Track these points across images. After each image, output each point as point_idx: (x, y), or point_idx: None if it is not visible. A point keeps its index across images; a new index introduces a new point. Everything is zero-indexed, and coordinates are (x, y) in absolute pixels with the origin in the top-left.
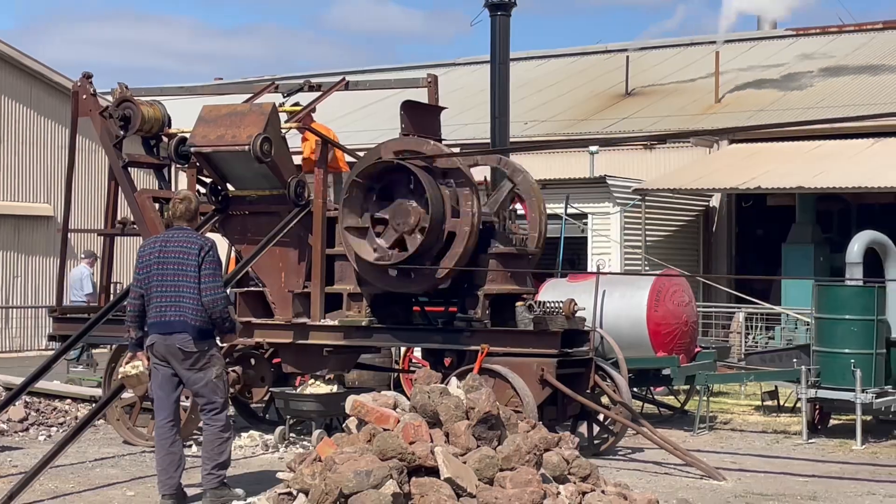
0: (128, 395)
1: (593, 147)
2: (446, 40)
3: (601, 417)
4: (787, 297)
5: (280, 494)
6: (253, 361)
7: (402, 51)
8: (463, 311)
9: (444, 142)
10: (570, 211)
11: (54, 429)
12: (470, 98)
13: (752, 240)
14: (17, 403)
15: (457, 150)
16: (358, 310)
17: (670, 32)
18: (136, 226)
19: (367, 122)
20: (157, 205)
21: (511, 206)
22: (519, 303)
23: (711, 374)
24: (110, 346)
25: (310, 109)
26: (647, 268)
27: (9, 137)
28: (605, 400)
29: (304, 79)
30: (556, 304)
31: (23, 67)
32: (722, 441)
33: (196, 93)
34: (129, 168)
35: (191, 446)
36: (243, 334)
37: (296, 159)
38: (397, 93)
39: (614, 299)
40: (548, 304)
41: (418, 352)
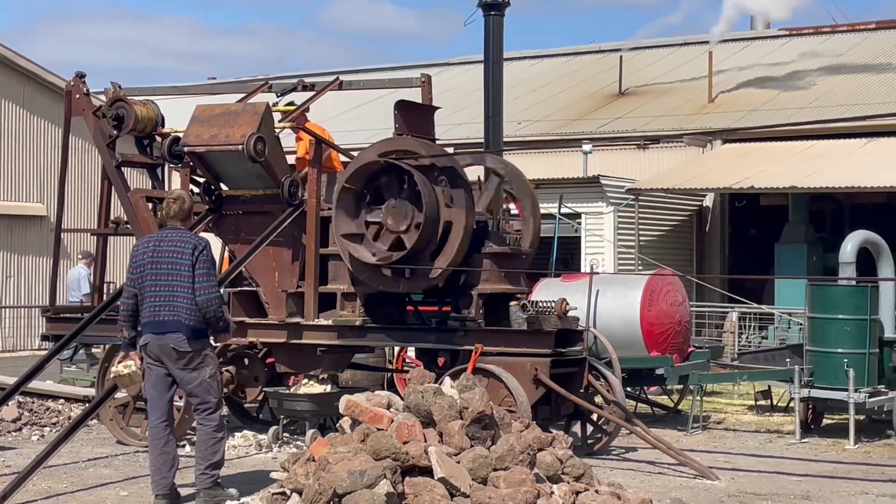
0: (121, 394)
1: (587, 147)
2: (440, 40)
3: (595, 417)
4: (780, 297)
5: (274, 494)
6: (247, 361)
7: (397, 50)
8: (457, 310)
9: (437, 141)
10: (564, 210)
11: (47, 429)
12: (463, 98)
13: (746, 239)
14: (10, 403)
15: (450, 149)
16: (352, 309)
17: (667, 31)
18: (129, 225)
19: (360, 121)
20: (150, 204)
21: (505, 206)
22: (513, 302)
23: (705, 373)
24: (104, 346)
25: (304, 109)
26: (640, 267)
27: (2, 137)
28: (598, 399)
29: (297, 78)
30: (549, 304)
31: (16, 67)
32: (715, 441)
33: (189, 92)
34: (123, 168)
35: (184, 446)
36: (237, 334)
37: (290, 159)
38: (391, 92)
39: (608, 299)
40: (541, 304)
41: (412, 351)
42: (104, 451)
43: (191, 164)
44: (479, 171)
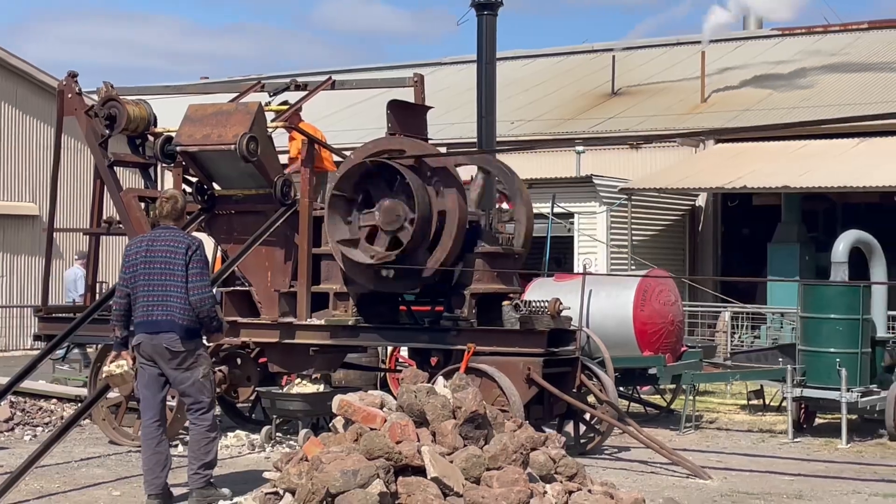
0: (114, 394)
1: (579, 146)
2: (433, 40)
3: (588, 416)
4: (772, 297)
5: (266, 494)
6: (239, 361)
7: (389, 50)
8: (449, 310)
9: (430, 141)
10: (557, 210)
11: (40, 428)
12: (456, 97)
13: (738, 239)
14: (2, 403)
15: (443, 149)
16: (344, 309)
17: (661, 31)
18: (121, 225)
19: (353, 121)
20: (142, 204)
21: (497, 206)
22: (505, 302)
23: (697, 373)
24: (96, 346)
25: (296, 109)
26: (633, 267)
27: None
28: (591, 399)
29: (290, 78)
30: (542, 304)
31: (8, 66)
32: (708, 440)
33: (182, 92)
34: (115, 167)
35: (177, 446)
36: (229, 334)
37: (282, 158)
38: (384, 92)
39: (601, 299)
40: (534, 304)
41: (405, 351)
42: (97, 451)
43: (183, 163)
44: (472, 170)
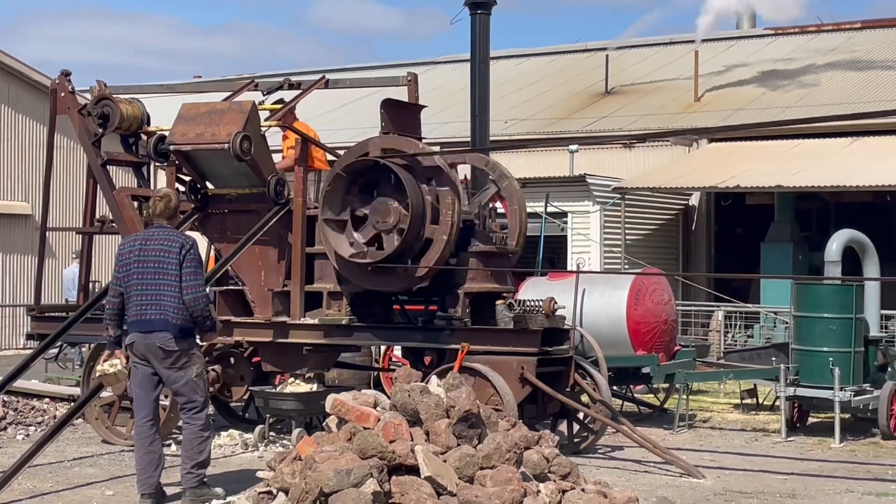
0: (107, 393)
1: (573, 146)
2: (425, 38)
3: (581, 416)
4: (766, 296)
5: (260, 493)
6: (233, 360)
7: (383, 49)
8: (443, 309)
9: (424, 140)
10: (550, 209)
11: (32, 428)
12: (450, 96)
13: (732, 238)
14: None
15: (437, 148)
16: (338, 308)
17: (658, 28)
18: (114, 224)
19: (346, 120)
20: (135, 203)
21: (491, 205)
22: (499, 301)
23: (691, 372)
24: (89, 346)
25: (290, 107)
26: (626, 266)
27: None
28: (584, 398)
29: (283, 77)
30: (536, 303)
31: (1, 65)
32: (701, 439)
33: (175, 91)
34: (108, 166)
35: (170, 445)
36: (223, 333)
37: (276, 157)
38: (377, 91)
39: (594, 298)
40: (528, 303)
41: (398, 350)
42: (90, 451)
43: (176, 162)
44: (466, 169)
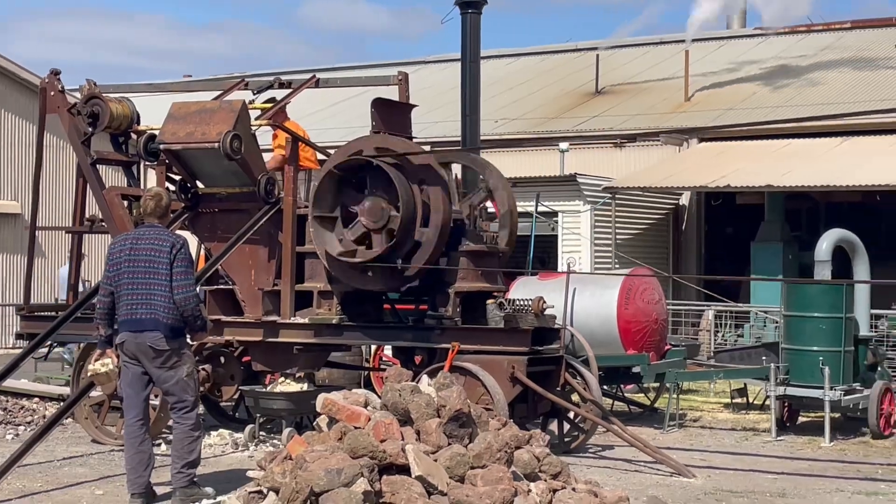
0: (96, 393)
1: (563, 145)
2: (416, 38)
3: (572, 415)
4: (756, 295)
5: (250, 493)
6: (223, 359)
7: (373, 48)
8: (433, 308)
9: (414, 139)
10: (541, 209)
11: (22, 427)
12: (440, 96)
13: (722, 238)
14: None
15: (427, 147)
16: (328, 308)
17: (649, 29)
18: (104, 223)
19: (336, 119)
20: (125, 202)
21: (482, 205)
22: (490, 301)
23: (681, 371)
24: (79, 345)
25: (281, 107)
26: (617, 265)
27: None
28: (575, 398)
29: (274, 76)
30: (526, 302)
31: None
32: (691, 438)
33: (165, 90)
34: (98, 165)
35: (160, 445)
36: (213, 332)
37: (266, 157)
38: (367, 90)
39: (585, 297)
40: (518, 302)
41: (389, 350)
42: (79, 450)
43: (166, 161)
44: (457, 169)
